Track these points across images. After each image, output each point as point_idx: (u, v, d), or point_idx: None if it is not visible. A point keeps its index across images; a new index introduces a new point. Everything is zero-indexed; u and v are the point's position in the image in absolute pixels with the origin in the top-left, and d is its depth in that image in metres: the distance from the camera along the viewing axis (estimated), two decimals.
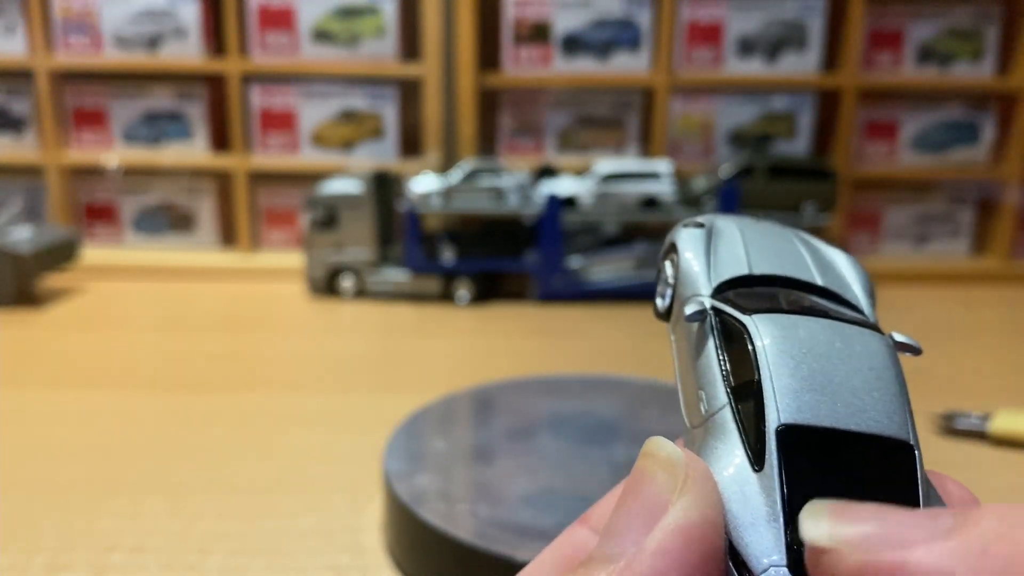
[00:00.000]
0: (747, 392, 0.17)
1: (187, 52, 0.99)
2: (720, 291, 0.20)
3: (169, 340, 0.76)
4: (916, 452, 0.17)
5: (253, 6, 0.98)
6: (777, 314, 0.18)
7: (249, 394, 0.62)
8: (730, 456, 0.17)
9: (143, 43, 0.99)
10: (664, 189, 0.90)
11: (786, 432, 0.16)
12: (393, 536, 0.40)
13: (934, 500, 0.17)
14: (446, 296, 0.90)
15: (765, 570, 0.15)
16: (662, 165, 0.92)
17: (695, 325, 0.20)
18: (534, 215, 0.90)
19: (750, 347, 0.17)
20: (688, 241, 0.22)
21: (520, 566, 0.34)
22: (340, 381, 0.66)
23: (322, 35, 0.99)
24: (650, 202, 0.91)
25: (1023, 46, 0.99)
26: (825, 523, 0.14)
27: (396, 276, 0.91)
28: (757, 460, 0.16)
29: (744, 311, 0.18)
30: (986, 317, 0.90)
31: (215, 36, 1.00)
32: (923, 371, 0.69)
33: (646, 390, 0.53)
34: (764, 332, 0.18)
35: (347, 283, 0.91)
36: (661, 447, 0.16)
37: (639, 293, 0.90)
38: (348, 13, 0.98)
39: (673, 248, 0.22)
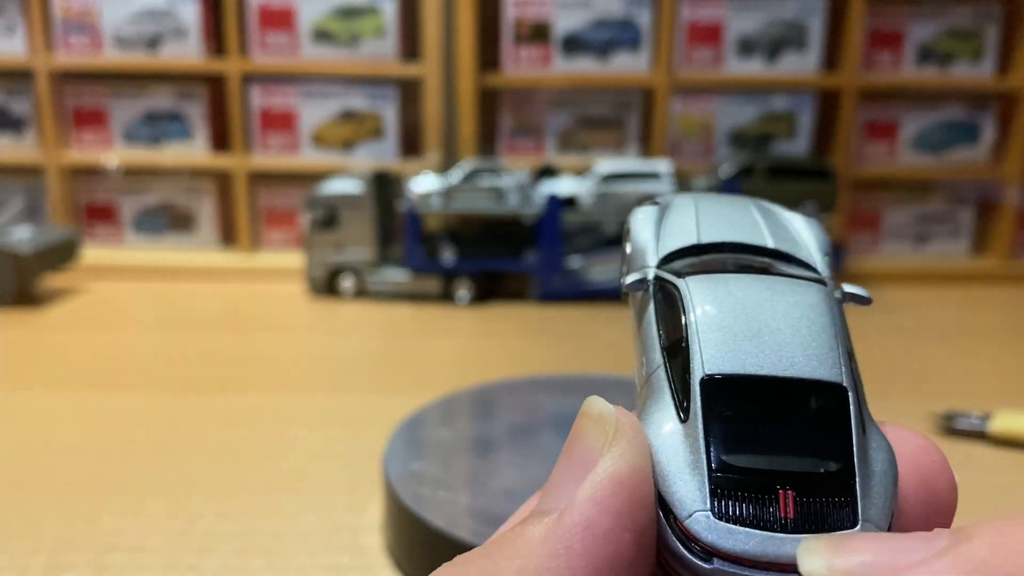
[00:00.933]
0: (678, 350, 0.18)
1: (187, 52, 0.99)
2: (667, 261, 0.20)
3: (169, 340, 0.76)
4: (849, 394, 0.17)
5: (253, 6, 0.98)
6: (711, 274, 0.19)
7: (249, 394, 0.62)
8: (662, 412, 0.17)
9: (143, 43, 0.99)
10: (664, 189, 0.90)
11: (710, 383, 0.17)
12: (393, 536, 0.40)
13: (872, 438, 0.17)
14: (446, 296, 0.90)
15: (690, 515, 0.15)
16: (662, 165, 0.92)
17: (640, 295, 0.20)
18: (534, 215, 0.90)
19: (680, 306, 0.18)
20: (640, 219, 0.22)
21: None
22: (340, 381, 0.66)
23: (322, 35, 0.99)
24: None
25: (1023, 46, 0.99)
26: (822, 558, 0.14)
27: (396, 276, 0.91)
28: (684, 413, 0.17)
29: (679, 276, 0.19)
30: (986, 317, 0.90)
31: (215, 36, 1.00)
32: (923, 371, 0.69)
33: None
34: (694, 291, 0.18)
35: (347, 283, 0.91)
36: (593, 405, 0.17)
37: None
38: (348, 13, 0.98)
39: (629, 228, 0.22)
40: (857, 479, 0.16)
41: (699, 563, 0.15)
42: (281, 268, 0.98)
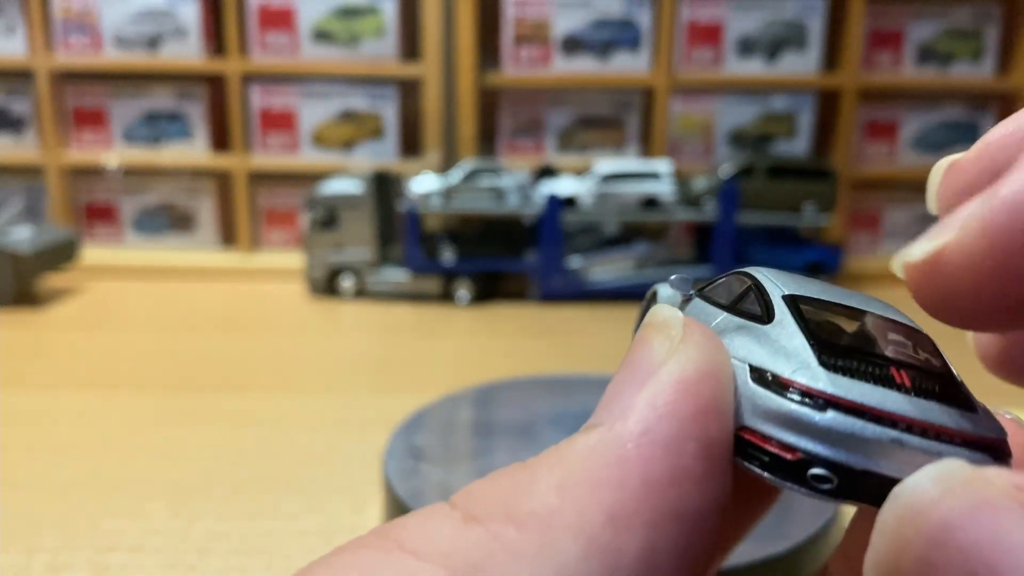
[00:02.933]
0: (745, 296, 0.16)
1: (187, 52, 0.99)
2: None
3: (169, 340, 0.76)
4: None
5: (253, 6, 0.98)
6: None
7: (249, 394, 0.62)
8: (738, 327, 0.15)
9: (143, 43, 0.99)
10: (664, 189, 0.90)
11: (791, 298, 0.15)
12: None
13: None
14: (446, 296, 0.90)
15: (795, 369, 0.13)
16: (662, 165, 0.92)
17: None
18: (534, 215, 0.90)
19: (749, 281, 0.17)
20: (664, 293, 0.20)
21: None
22: (340, 381, 0.66)
23: (322, 35, 0.99)
24: (650, 202, 0.91)
25: (1023, 46, 0.99)
26: (921, 241, 0.13)
27: (396, 276, 0.91)
28: (767, 316, 0.15)
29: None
30: None
31: (215, 36, 1.00)
32: None
33: None
34: (765, 272, 0.17)
35: (347, 283, 0.91)
36: (659, 312, 0.15)
37: (639, 293, 0.90)
38: (348, 13, 0.98)
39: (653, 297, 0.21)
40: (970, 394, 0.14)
41: (811, 413, 0.13)
42: (281, 268, 0.98)
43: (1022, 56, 0.99)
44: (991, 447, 0.13)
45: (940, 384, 0.14)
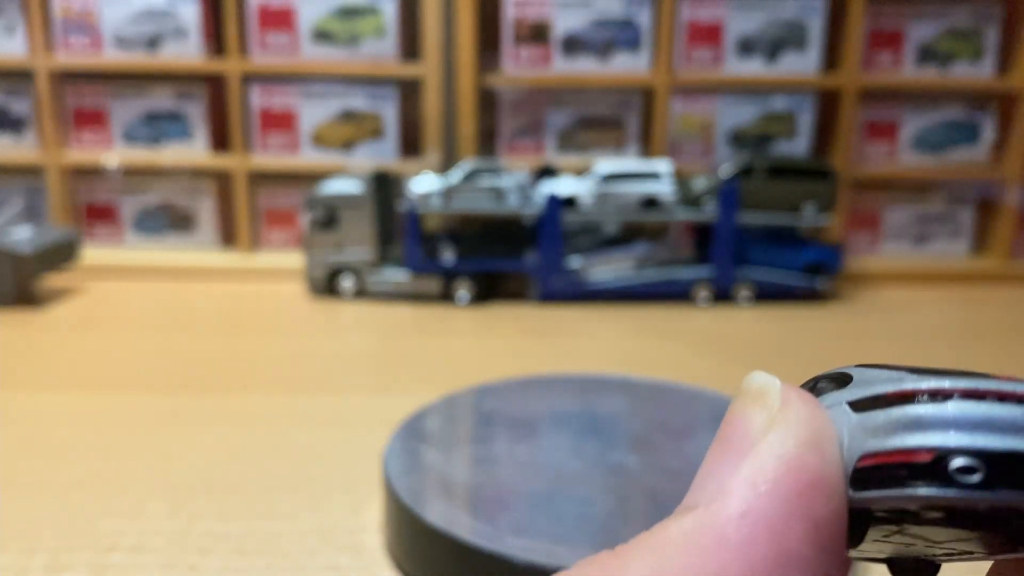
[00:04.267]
0: (817, 382, 0.15)
1: (187, 52, 0.99)
2: None
3: (169, 340, 0.76)
4: None
5: (253, 6, 0.98)
6: None
7: (249, 394, 0.62)
8: (840, 390, 0.14)
9: (143, 43, 0.99)
10: (664, 189, 0.90)
11: (863, 365, 0.15)
12: (393, 536, 0.40)
13: None
14: (446, 296, 0.90)
15: (896, 386, 0.12)
16: (662, 165, 0.92)
17: None
18: (534, 215, 0.90)
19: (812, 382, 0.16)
20: None
21: (520, 566, 0.34)
22: (340, 381, 0.66)
23: (322, 35, 0.99)
24: (650, 202, 0.91)
25: (1023, 46, 0.99)
26: None
27: (396, 276, 0.91)
28: (845, 380, 0.14)
29: None
30: (986, 317, 0.90)
31: (215, 36, 1.00)
32: None
33: (647, 389, 0.53)
34: None
35: (347, 283, 0.91)
36: (753, 380, 0.14)
37: (639, 293, 0.90)
38: (348, 13, 0.98)
39: None
40: None
41: (932, 407, 0.12)
42: (281, 268, 0.98)
43: (1022, 56, 0.99)
44: None
45: None
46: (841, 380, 0.14)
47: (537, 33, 0.99)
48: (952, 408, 0.12)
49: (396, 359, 0.72)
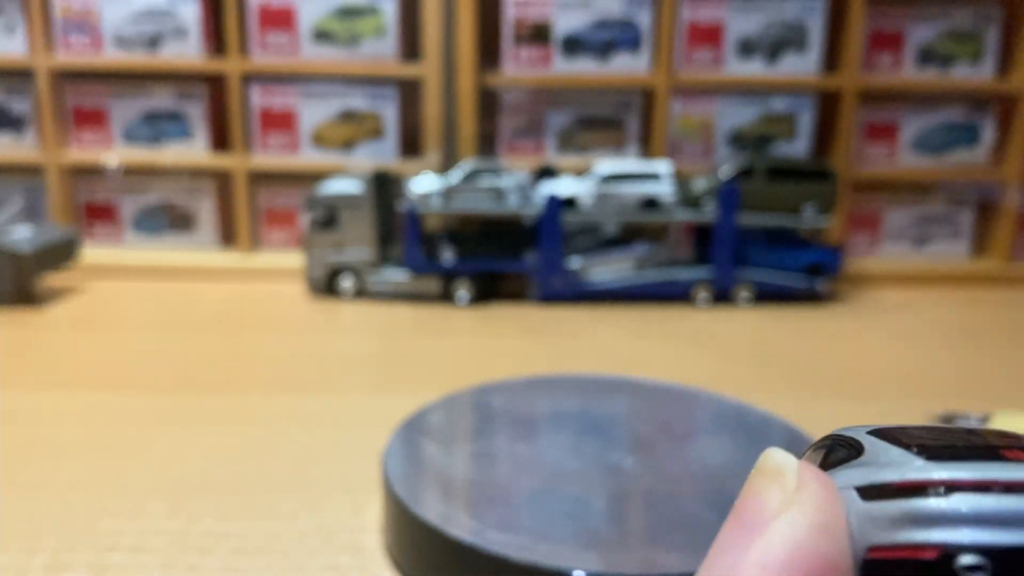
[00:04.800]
0: (832, 450, 0.15)
1: (187, 52, 0.99)
2: None
3: (169, 340, 0.76)
4: None
5: (253, 6, 0.98)
6: None
7: (249, 394, 0.62)
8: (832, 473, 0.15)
9: (143, 43, 0.99)
10: (664, 190, 0.90)
11: (876, 430, 0.14)
12: (393, 536, 0.40)
13: None
14: (446, 296, 0.90)
15: (904, 473, 0.12)
16: (662, 166, 0.92)
17: None
18: (534, 215, 0.90)
19: (830, 440, 0.16)
20: None
21: (519, 566, 0.34)
22: (339, 381, 0.66)
23: (322, 35, 0.99)
24: (650, 203, 0.91)
25: (1023, 48, 0.99)
26: None
27: (396, 276, 0.91)
28: (857, 451, 0.14)
29: None
30: (985, 319, 0.90)
31: (215, 36, 1.00)
32: (923, 372, 0.69)
33: (646, 390, 0.53)
34: None
35: (347, 283, 0.91)
36: (770, 457, 0.14)
37: (639, 294, 0.90)
38: (348, 13, 0.98)
39: None
40: None
41: (937, 502, 0.12)
42: (281, 268, 0.98)
43: (1022, 58, 0.99)
44: None
45: None
46: (853, 448, 0.14)
47: (537, 33, 0.99)
48: (958, 502, 0.12)
49: (396, 359, 0.72)
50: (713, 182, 0.92)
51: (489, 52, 0.99)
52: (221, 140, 1.03)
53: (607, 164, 0.92)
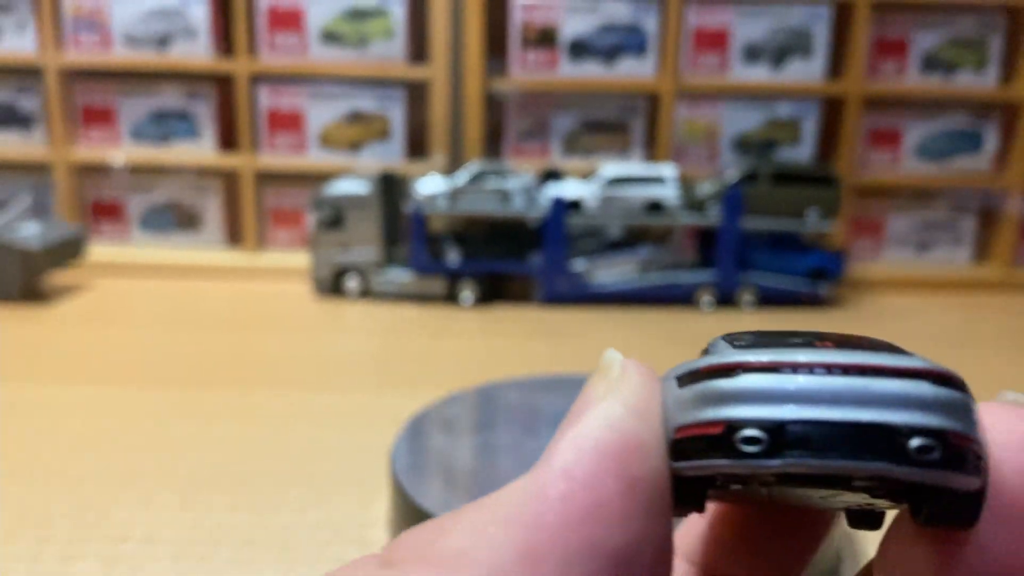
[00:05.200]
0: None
1: (196, 51, 1.00)
2: None
3: (175, 337, 0.76)
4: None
5: (262, 7, 0.99)
6: None
7: (256, 391, 0.62)
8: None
9: (152, 42, 1.00)
10: (669, 194, 0.91)
11: (730, 335, 0.15)
12: (399, 530, 0.40)
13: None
14: (451, 297, 0.90)
15: (711, 361, 0.13)
16: (667, 170, 0.92)
17: None
18: (539, 217, 0.90)
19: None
20: None
21: None
22: (346, 379, 0.67)
23: (331, 36, 0.99)
24: (655, 206, 0.91)
25: None
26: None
27: (401, 277, 0.91)
28: (705, 351, 0.15)
29: None
30: (987, 325, 0.90)
31: (224, 36, 1.01)
32: None
33: None
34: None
35: (352, 283, 0.91)
36: (606, 355, 0.15)
37: (643, 296, 0.91)
38: (357, 15, 0.99)
39: None
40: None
41: (724, 382, 0.13)
42: (287, 268, 0.98)
43: None
44: (929, 375, 0.12)
45: (871, 345, 0.13)
46: (705, 350, 0.15)
47: (544, 37, 0.99)
48: (744, 382, 0.12)
49: (401, 359, 0.73)
50: (717, 186, 0.92)
51: (496, 55, 1.00)
52: (229, 140, 1.04)
53: (612, 167, 0.93)
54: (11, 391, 0.61)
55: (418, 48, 1.01)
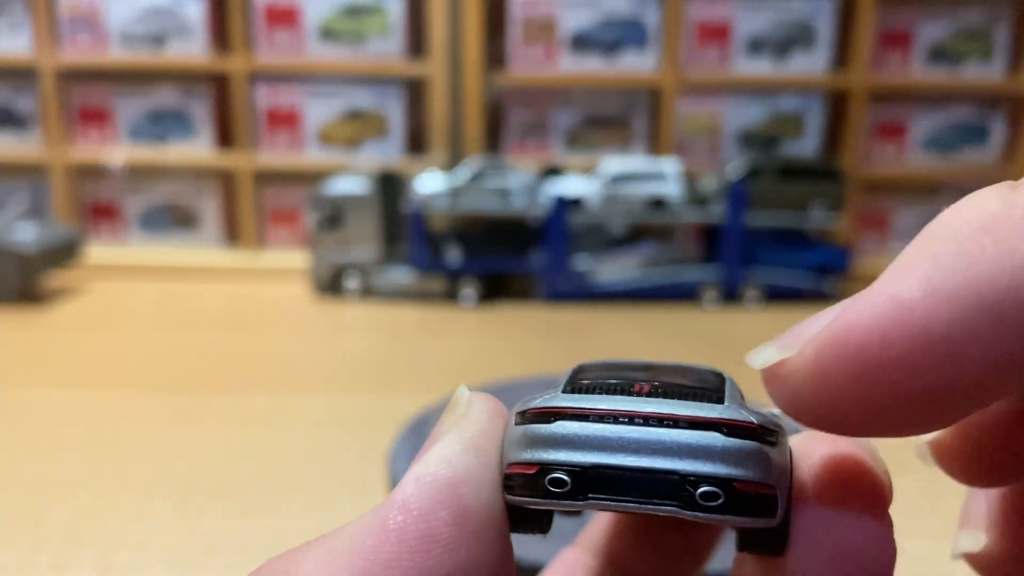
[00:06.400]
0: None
1: (192, 50, 0.99)
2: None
3: (173, 339, 0.75)
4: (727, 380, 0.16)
5: (259, 4, 0.98)
6: None
7: (254, 394, 0.61)
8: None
9: (148, 41, 0.99)
10: (671, 190, 0.90)
11: (579, 367, 0.16)
12: None
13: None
14: (451, 296, 0.89)
15: (539, 401, 0.14)
16: (669, 165, 0.91)
17: None
18: (540, 215, 0.89)
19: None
20: None
21: (523, 565, 0.34)
22: (345, 381, 0.66)
23: (328, 33, 0.98)
24: (657, 203, 0.90)
25: None
26: (770, 347, 0.14)
27: (401, 276, 0.90)
28: (554, 390, 0.16)
29: None
30: None
31: (220, 34, 1.00)
32: None
33: None
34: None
35: (352, 283, 0.90)
36: (458, 391, 0.16)
37: (646, 294, 0.90)
38: (354, 12, 0.98)
39: None
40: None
41: (541, 427, 0.14)
42: (286, 267, 0.98)
43: None
44: (722, 426, 0.13)
45: (690, 392, 0.14)
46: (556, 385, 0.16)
47: (544, 32, 0.98)
48: (556, 428, 0.14)
49: (401, 359, 0.72)
50: (721, 182, 0.91)
51: (496, 51, 0.99)
52: (226, 139, 1.03)
53: (614, 163, 0.92)
54: (6, 395, 0.60)
55: (416, 44, 1.00)
